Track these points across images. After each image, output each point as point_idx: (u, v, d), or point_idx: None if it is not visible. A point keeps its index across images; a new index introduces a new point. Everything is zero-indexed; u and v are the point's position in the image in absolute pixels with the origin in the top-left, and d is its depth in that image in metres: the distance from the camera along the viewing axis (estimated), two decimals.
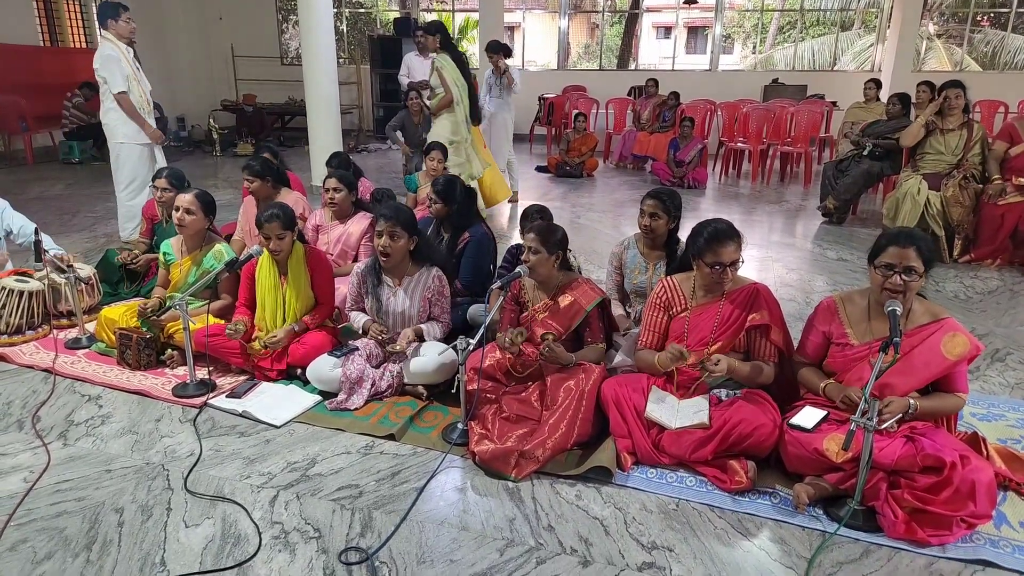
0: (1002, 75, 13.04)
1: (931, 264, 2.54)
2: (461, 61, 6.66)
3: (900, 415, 2.40)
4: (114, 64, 5.55)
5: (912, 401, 2.44)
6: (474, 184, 6.47)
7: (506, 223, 6.99)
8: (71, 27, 11.90)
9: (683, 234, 3.61)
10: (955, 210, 5.64)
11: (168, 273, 3.93)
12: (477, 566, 2.24)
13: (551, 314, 3.23)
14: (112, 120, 5.75)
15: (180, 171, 4.46)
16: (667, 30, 27.16)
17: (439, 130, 6.61)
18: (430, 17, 17.15)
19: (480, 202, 7.21)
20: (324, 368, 3.32)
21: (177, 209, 3.77)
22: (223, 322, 3.67)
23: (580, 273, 3.41)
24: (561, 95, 12.49)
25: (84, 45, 12.12)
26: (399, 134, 8.18)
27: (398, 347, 3.38)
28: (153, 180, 4.43)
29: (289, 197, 4.61)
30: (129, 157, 5.82)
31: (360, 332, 3.53)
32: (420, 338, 3.46)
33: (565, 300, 3.22)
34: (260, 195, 4.59)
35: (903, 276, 2.49)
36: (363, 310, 3.60)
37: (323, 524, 2.43)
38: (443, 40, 6.56)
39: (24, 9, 10.72)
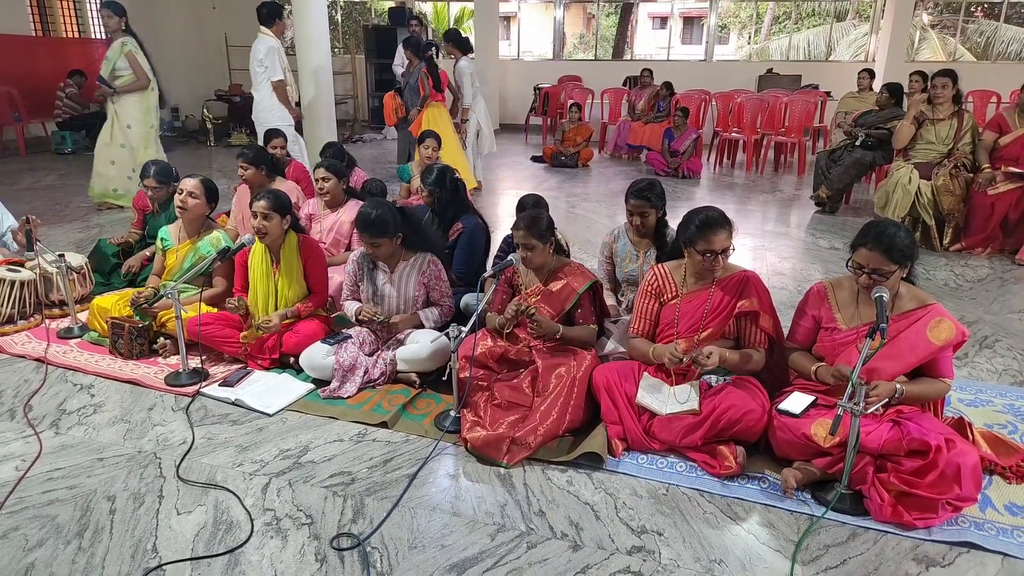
0: (995, 65, 13.03)
1: (907, 260, 2.55)
2: (144, 48, 6.62)
3: (887, 399, 2.42)
4: (276, 55, 6.23)
5: (898, 385, 2.46)
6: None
7: (500, 213, 6.99)
8: (63, 17, 11.83)
9: (670, 215, 3.64)
10: (946, 199, 5.66)
11: (164, 259, 3.93)
12: (468, 551, 2.26)
13: (544, 297, 3.25)
14: (266, 106, 6.39)
15: (167, 167, 4.45)
16: (663, 20, 27.09)
17: (131, 112, 6.52)
18: (426, 8, 17.08)
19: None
20: (317, 356, 3.33)
21: (180, 192, 3.77)
22: (216, 310, 3.67)
23: (568, 252, 3.42)
24: (556, 85, 12.46)
25: (76, 35, 12.05)
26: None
27: (394, 320, 3.42)
28: (142, 178, 4.43)
29: (283, 186, 4.62)
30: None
31: (354, 319, 3.54)
32: (417, 324, 3.48)
33: (557, 284, 3.24)
34: (254, 183, 4.60)
35: (872, 276, 2.53)
36: (358, 299, 3.61)
37: (315, 511, 2.45)
38: (127, 23, 6.46)
39: None
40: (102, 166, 6.72)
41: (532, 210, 3.32)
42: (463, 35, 7.90)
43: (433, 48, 7.38)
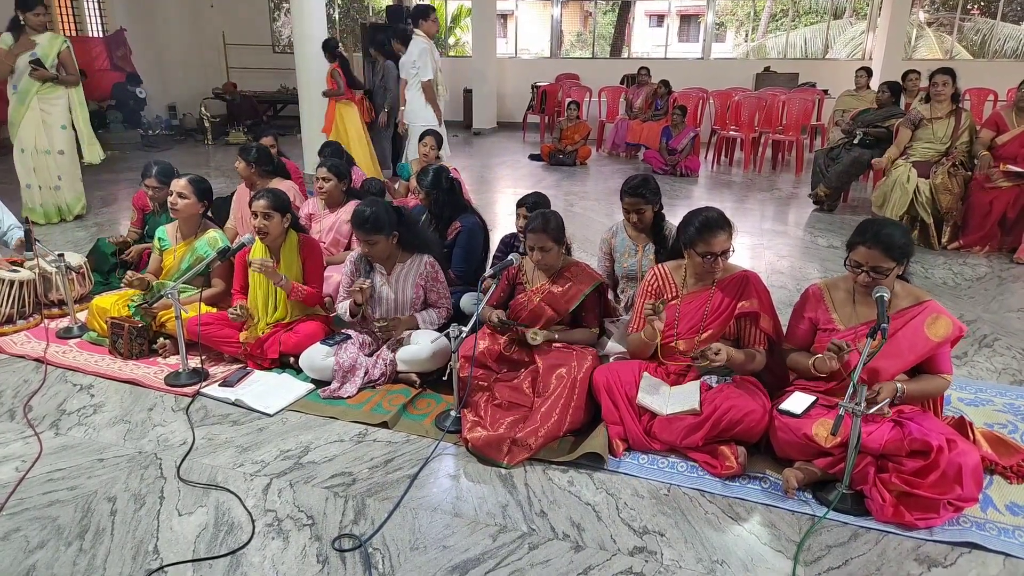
0: (991, 63, 13.02)
1: (905, 257, 2.56)
2: None
3: (889, 399, 2.43)
4: (427, 56, 6.44)
5: (899, 385, 2.47)
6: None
7: (498, 212, 6.99)
8: (60, 15, 11.78)
9: (668, 213, 3.64)
10: (944, 197, 5.67)
11: (161, 260, 3.92)
12: (470, 552, 2.26)
13: (548, 297, 3.24)
14: (415, 107, 6.63)
15: (169, 166, 4.43)
16: (660, 18, 27.07)
17: (64, 114, 6.16)
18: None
19: None
20: (317, 357, 3.32)
21: (171, 193, 3.77)
22: (215, 310, 3.67)
23: (570, 250, 3.42)
24: (554, 83, 12.46)
25: (74, 32, 12.01)
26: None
27: (388, 324, 3.40)
28: (143, 178, 4.41)
29: (282, 186, 4.59)
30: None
31: (347, 317, 3.52)
32: (414, 326, 3.48)
33: (563, 284, 3.24)
34: (247, 179, 4.60)
35: (870, 274, 2.54)
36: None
37: (316, 511, 2.45)
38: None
39: None
40: (47, 177, 6.23)
41: (544, 211, 3.28)
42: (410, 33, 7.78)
43: (340, 45, 7.43)
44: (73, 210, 6.42)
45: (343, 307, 3.55)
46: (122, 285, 3.76)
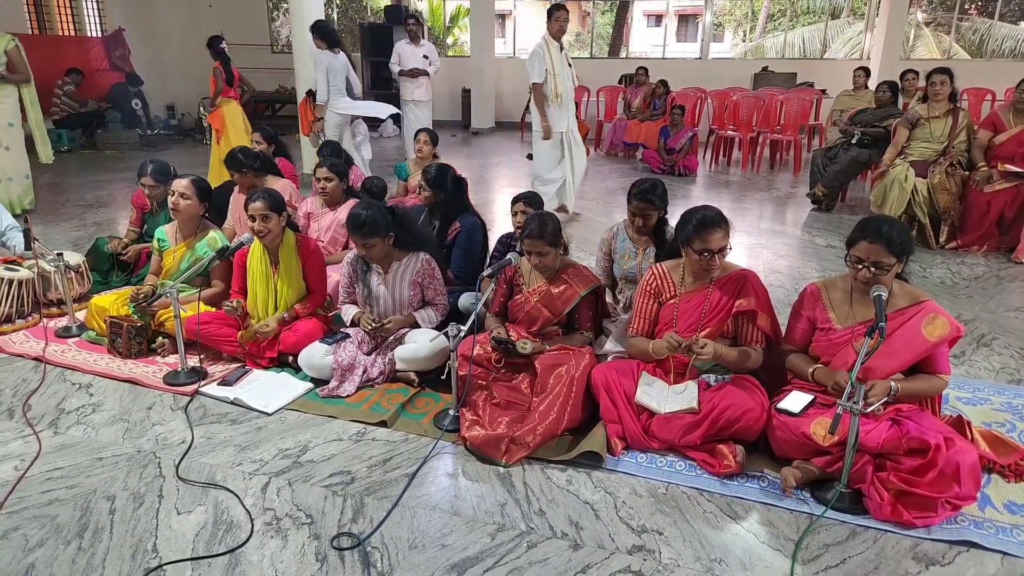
0: (989, 63, 13.05)
1: (905, 254, 2.56)
2: None
3: (884, 398, 2.43)
4: (536, 59, 6.24)
5: (893, 384, 2.47)
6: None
7: (496, 211, 6.99)
8: (59, 14, 11.79)
9: (671, 217, 3.64)
10: (942, 197, 5.68)
11: (161, 260, 3.92)
12: (468, 550, 2.26)
13: (545, 298, 3.24)
14: (533, 109, 6.46)
15: (165, 165, 4.43)
16: (658, 18, 27.09)
17: (10, 110, 6.19)
18: (422, 5, 17.02)
19: None
20: (316, 355, 3.33)
21: (172, 193, 3.77)
22: (215, 309, 3.67)
23: (568, 249, 3.41)
24: None
25: (73, 32, 12.01)
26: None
27: (387, 323, 3.41)
28: (139, 177, 4.41)
29: (276, 185, 4.59)
30: (541, 145, 6.45)
31: (350, 324, 3.54)
32: (414, 325, 3.48)
33: (560, 286, 3.24)
34: (242, 185, 4.59)
35: (871, 269, 2.54)
36: (355, 302, 3.61)
37: (315, 510, 2.45)
38: None
39: None
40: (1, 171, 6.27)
41: (540, 214, 3.28)
42: (330, 27, 7.40)
43: (224, 42, 7.28)
44: (22, 203, 6.47)
45: (347, 311, 3.55)
46: (129, 300, 3.73)
